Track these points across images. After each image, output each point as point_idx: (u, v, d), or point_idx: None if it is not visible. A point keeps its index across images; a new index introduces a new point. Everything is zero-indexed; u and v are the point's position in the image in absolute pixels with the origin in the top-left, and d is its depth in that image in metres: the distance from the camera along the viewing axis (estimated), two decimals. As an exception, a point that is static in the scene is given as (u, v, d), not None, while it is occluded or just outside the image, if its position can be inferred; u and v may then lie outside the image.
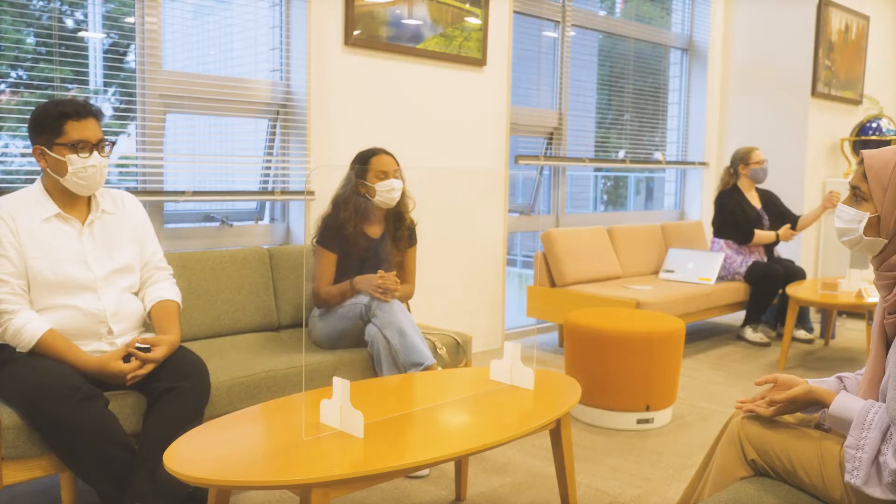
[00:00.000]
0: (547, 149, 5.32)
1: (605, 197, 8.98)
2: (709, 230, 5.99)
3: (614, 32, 5.79)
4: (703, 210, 6.45)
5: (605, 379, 3.36)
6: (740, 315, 5.34)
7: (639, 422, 3.37)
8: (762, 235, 5.15)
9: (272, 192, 3.79)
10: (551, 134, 5.30)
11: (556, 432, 2.35)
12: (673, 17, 6.34)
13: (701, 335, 5.34)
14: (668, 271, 5.24)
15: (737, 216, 5.15)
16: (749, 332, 5.12)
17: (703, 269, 5.08)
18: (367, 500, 2.60)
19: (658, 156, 6.31)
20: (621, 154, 6.11)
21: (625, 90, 5.95)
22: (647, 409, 3.36)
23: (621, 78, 5.91)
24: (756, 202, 5.29)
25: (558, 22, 5.22)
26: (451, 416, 2.24)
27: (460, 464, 2.64)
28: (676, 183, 6.62)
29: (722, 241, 5.27)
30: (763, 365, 4.56)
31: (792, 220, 5.30)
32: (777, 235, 5.16)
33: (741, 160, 5.26)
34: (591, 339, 3.40)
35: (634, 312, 3.83)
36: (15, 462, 2.17)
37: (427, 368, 2.83)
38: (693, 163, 6.39)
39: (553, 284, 4.84)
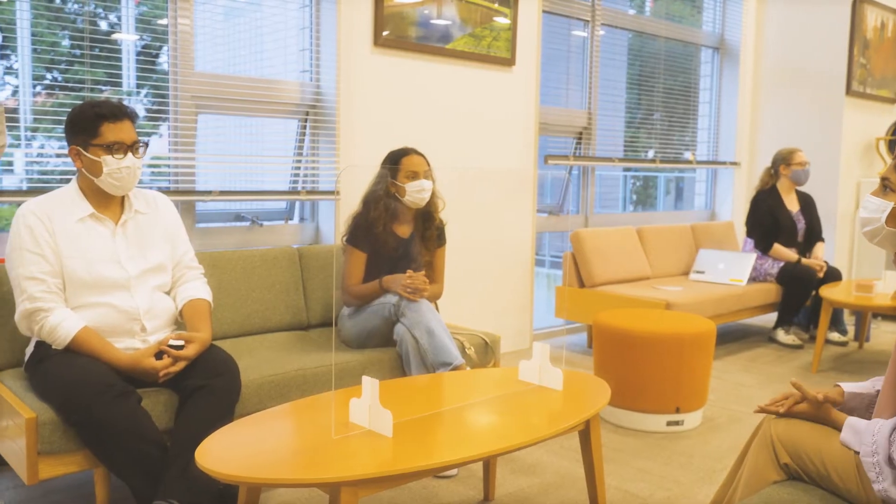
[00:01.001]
0: (576, 149, 5.30)
1: (635, 197, 8.91)
2: (740, 231, 5.92)
3: (644, 31, 5.74)
4: (734, 210, 6.38)
5: (635, 380, 3.34)
6: (772, 317, 5.27)
7: (668, 424, 3.34)
8: (781, 252, 5.05)
9: (301, 192, 3.82)
10: (580, 134, 5.27)
11: (585, 433, 2.33)
12: (704, 15, 6.27)
13: (732, 337, 5.28)
14: (698, 272, 5.19)
15: (764, 222, 5.08)
16: (781, 335, 5.05)
17: (735, 269, 5.02)
18: (395, 499, 2.60)
19: (688, 155, 6.25)
20: (651, 154, 6.06)
21: (655, 89, 5.90)
22: (677, 411, 3.33)
23: (651, 77, 5.86)
24: (794, 205, 5.20)
25: (588, 21, 5.19)
26: (480, 416, 2.23)
27: (489, 464, 2.64)
28: (707, 183, 6.55)
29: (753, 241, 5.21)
30: (795, 367, 4.50)
31: (816, 235, 5.21)
32: (799, 259, 5.04)
33: (783, 161, 5.17)
34: (620, 339, 3.37)
35: (664, 313, 3.80)
36: (50, 457, 2.21)
37: (455, 368, 2.83)
38: (724, 162, 6.33)
39: (582, 285, 4.82)
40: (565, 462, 2.96)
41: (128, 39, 3.37)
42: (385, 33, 3.87)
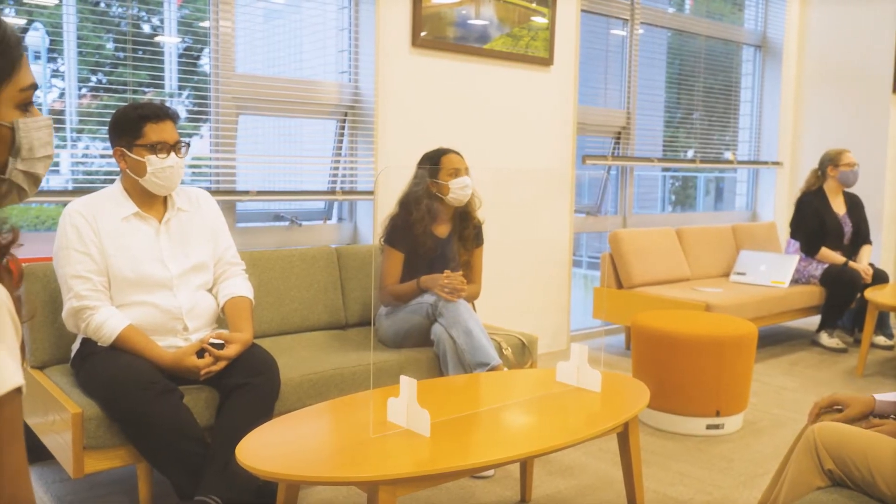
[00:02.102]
0: (614, 148, 5.25)
1: (673, 197, 8.82)
2: (782, 232, 5.83)
3: (684, 30, 5.68)
4: (776, 211, 6.27)
5: (674, 383, 3.30)
6: (815, 319, 5.17)
7: (708, 427, 3.29)
8: (828, 255, 4.95)
9: (340, 193, 3.85)
10: (619, 133, 5.23)
11: (624, 436, 2.31)
12: (746, 13, 6.18)
13: (773, 340, 5.19)
14: (739, 273, 5.11)
15: (810, 224, 4.98)
16: (825, 338, 4.95)
17: (777, 271, 4.93)
18: (432, 498, 2.61)
19: (728, 155, 6.16)
20: (690, 154, 5.98)
21: (694, 88, 5.83)
22: (718, 414, 3.28)
23: (691, 76, 5.79)
24: (841, 207, 5.09)
25: (627, 20, 5.15)
26: (517, 417, 2.23)
27: (526, 465, 2.63)
28: (748, 183, 6.45)
29: (798, 243, 5.11)
30: (839, 372, 4.41)
31: (863, 237, 5.09)
32: (846, 263, 4.93)
33: (830, 161, 5.06)
34: (659, 341, 3.34)
35: (704, 315, 3.75)
36: (95, 452, 2.26)
37: (493, 369, 2.83)
38: (766, 162, 6.22)
39: (620, 286, 4.78)
40: (603, 464, 2.94)
41: (170, 42, 3.43)
42: (423, 34, 3.88)
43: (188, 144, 2.54)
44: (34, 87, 0.93)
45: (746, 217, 6.36)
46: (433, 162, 3.18)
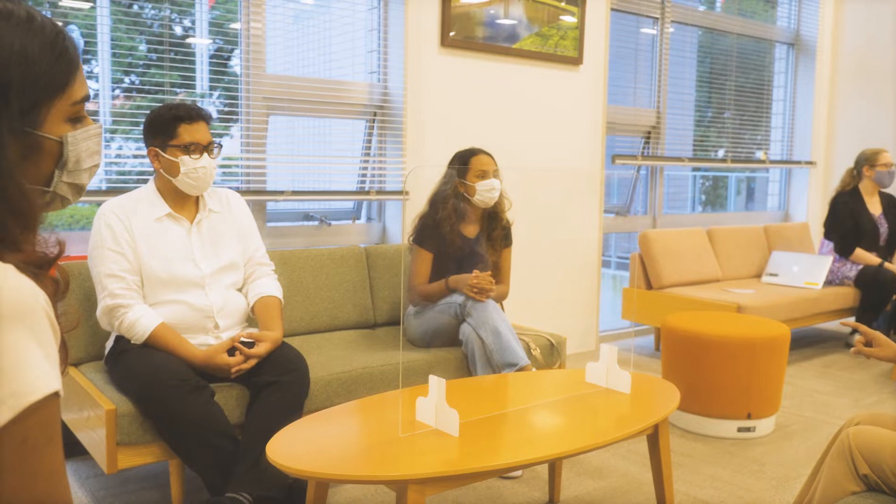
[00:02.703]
0: (644, 148, 5.21)
1: (704, 197, 8.74)
2: (815, 232, 5.74)
3: (715, 28, 5.62)
4: (809, 211, 6.18)
5: (705, 385, 3.27)
6: (849, 322, 5.08)
7: (739, 430, 3.25)
8: (863, 256, 4.87)
9: (369, 192, 3.86)
10: (649, 133, 5.19)
11: (654, 438, 2.30)
12: (778, 10, 6.10)
13: (806, 342, 5.12)
14: (771, 275, 5.05)
15: (844, 225, 4.90)
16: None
17: (810, 272, 4.86)
18: (460, 498, 2.61)
19: (760, 155, 6.09)
20: (721, 153, 5.92)
21: (725, 87, 5.76)
22: (749, 417, 3.25)
23: (722, 74, 5.73)
24: (876, 208, 5.01)
25: (657, 18, 5.11)
26: (546, 417, 2.22)
27: (554, 466, 2.62)
28: (781, 183, 6.37)
29: (832, 244, 5.04)
30: (874, 375, 4.33)
31: None
32: (881, 264, 4.84)
33: (866, 161, 4.98)
34: (690, 343, 3.31)
35: (736, 317, 3.71)
36: (128, 448, 2.29)
37: (521, 369, 2.82)
38: (799, 162, 6.14)
39: (649, 286, 4.74)
40: (632, 466, 2.92)
41: (201, 43, 3.46)
42: (452, 34, 3.89)
43: (220, 146, 2.57)
44: (87, 98, 0.92)
45: (779, 217, 6.28)
46: (463, 162, 3.18)
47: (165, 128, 2.48)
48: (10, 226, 0.84)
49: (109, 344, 2.53)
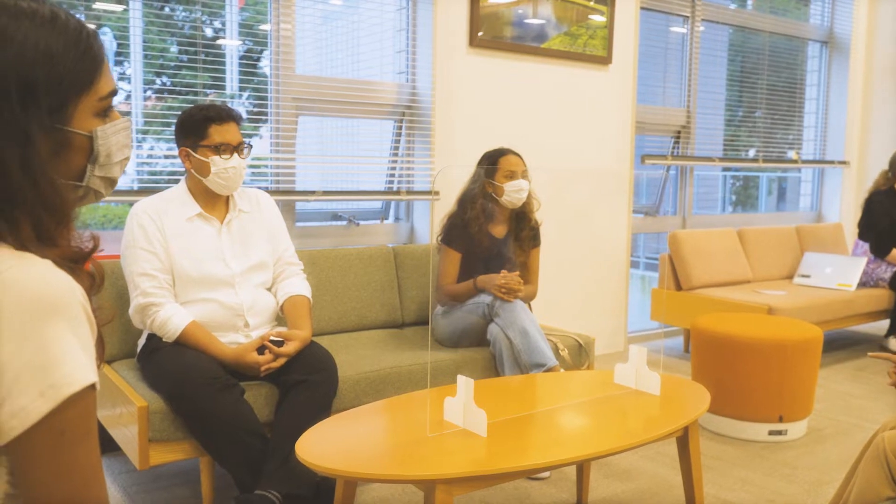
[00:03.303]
0: (674, 148, 5.17)
1: (734, 197, 8.64)
2: (849, 233, 5.65)
3: (746, 26, 5.55)
4: (842, 212, 6.09)
5: (735, 387, 3.23)
6: (884, 324, 5.00)
7: (771, 433, 3.21)
8: None
9: (398, 192, 3.87)
10: (678, 133, 5.14)
11: (684, 440, 2.28)
12: (811, 8, 6.01)
13: (839, 344, 5.04)
14: (803, 276, 4.98)
15: (880, 224, 4.82)
16: (894, 343, 4.78)
17: (843, 274, 4.79)
18: (487, 498, 2.61)
19: (792, 154, 6.00)
20: (752, 153, 5.85)
21: (757, 86, 5.70)
22: (780, 420, 3.20)
23: (753, 73, 5.66)
24: None
25: (687, 17, 5.06)
26: (575, 418, 2.21)
27: (582, 467, 2.60)
28: (813, 183, 6.28)
29: (866, 245, 4.95)
30: (909, 378, 4.25)
31: None
32: None
33: None
34: (720, 345, 3.27)
35: (767, 318, 3.66)
36: (160, 444, 2.32)
37: (549, 370, 2.81)
38: (832, 162, 6.04)
39: (679, 287, 4.70)
40: (661, 468, 2.90)
41: (231, 45, 3.49)
42: (480, 34, 3.88)
43: (250, 146, 2.59)
44: (114, 93, 0.94)
45: (811, 218, 6.19)
46: (491, 162, 3.18)
47: (196, 128, 2.51)
48: (45, 221, 0.85)
49: (141, 342, 2.57)
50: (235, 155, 2.52)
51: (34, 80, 0.84)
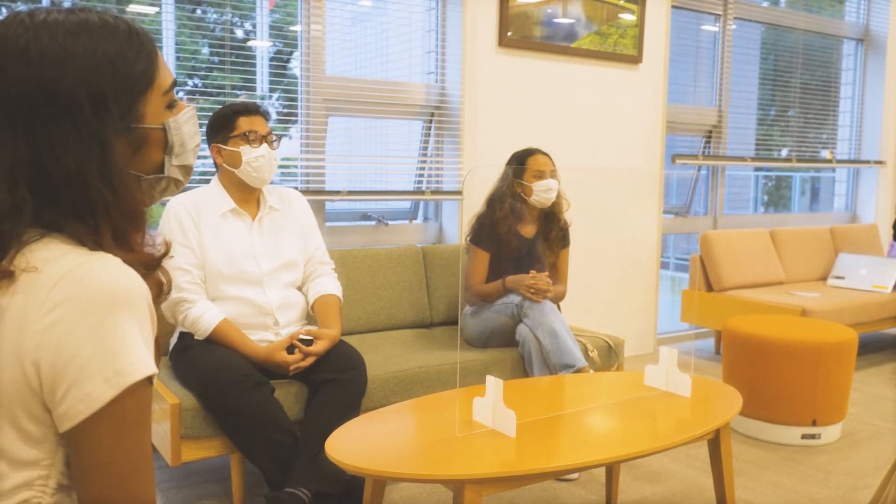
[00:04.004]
0: (705, 147, 5.12)
1: (766, 198, 8.53)
2: (885, 234, 5.55)
3: (780, 24, 5.48)
4: (878, 212, 5.98)
5: (768, 390, 3.19)
6: (920, 327, 4.91)
7: (804, 437, 3.17)
8: None
9: (427, 192, 3.88)
10: (710, 132, 5.09)
11: (715, 443, 2.25)
12: (847, 5, 5.91)
13: (875, 347, 4.95)
14: (837, 277, 4.90)
15: None
16: (931, 346, 4.69)
17: (878, 275, 4.70)
18: (516, 499, 2.60)
19: (826, 154, 5.91)
20: (784, 153, 5.77)
21: (790, 85, 5.61)
22: (814, 423, 3.16)
23: (786, 72, 5.58)
24: None
25: (719, 15, 5.00)
26: (604, 420, 2.20)
27: (612, 469, 2.59)
28: (848, 183, 6.17)
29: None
30: (947, 382, 4.17)
31: None
32: None
33: None
34: (752, 347, 3.23)
35: (800, 320, 3.61)
36: (192, 441, 2.34)
37: (578, 371, 2.80)
38: (867, 161, 5.94)
39: (710, 288, 4.65)
40: (691, 471, 2.87)
41: (262, 46, 3.52)
42: (509, 34, 3.87)
43: (280, 137, 2.62)
44: (175, 84, 0.97)
45: (846, 219, 6.09)
46: (520, 162, 3.17)
47: (225, 122, 2.56)
48: (123, 227, 0.89)
49: (173, 340, 2.60)
50: (265, 144, 2.55)
51: (101, 88, 0.87)
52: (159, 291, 0.92)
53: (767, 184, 8.38)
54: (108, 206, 0.87)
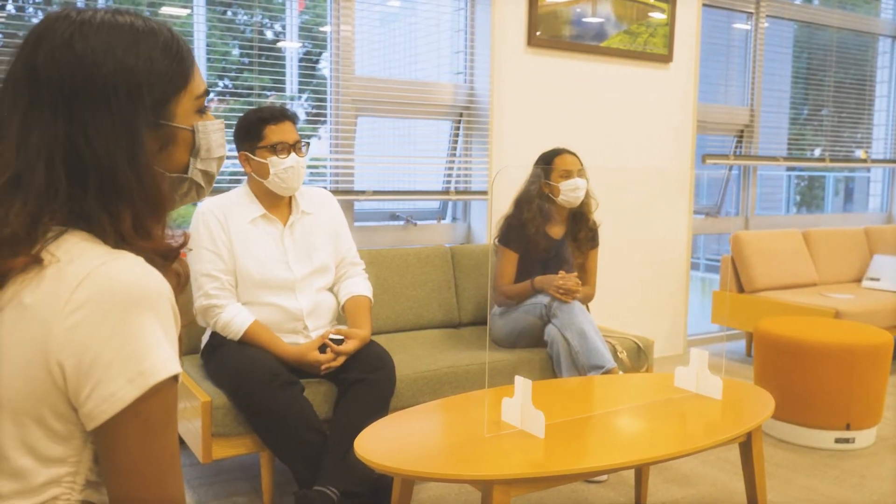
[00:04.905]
0: (737, 147, 5.06)
1: (798, 198, 8.42)
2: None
3: (813, 21, 5.40)
4: (914, 213, 5.87)
5: (801, 393, 3.15)
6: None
7: (837, 441, 3.12)
8: None
9: (454, 193, 3.88)
10: (741, 132, 5.03)
11: (747, 446, 2.22)
12: (882, 1, 5.81)
13: (910, 350, 4.86)
14: (872, 279, 4.81)
15: None
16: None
17: (915, 277, 4.62)
18: (544, 500, 2.59)
19: (860, 154, 5.81)
20: (818, 152, 5.68)
21: (824, 83, 5.53)
22: (848, 427, 3.11)
23: (820, 70, 5.50)
24: None
25: (751, 13, 4.94)
26: (634, 421, 2.18)
27: (641, 471, 2.57)
28: (884, 183, 6.07)
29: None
30: None
31: None
32: None
33: None
34: (785, 349, 3.19)
35: (834, 322, 3.56)
36: (223, 439, 2.37)
37: (607, 372, 2.78)
38: (903, 161, 5.83)
39: (741, 290, 4.60)
40: (722, 474, 2.84)
41: (291, 47, 3.55)
42: (538, 33, 3.86)
43: (308, 143, 2.62)
44: (207, 92, 1.01)
45: (881, 219, 5.99)
46: (547, 162, 3.16)
47: (252, 131, 2.54)
48: (144, 214, 0.91)
49: (205, 338, 2.62)
50: (293, 154, 2.55)
51: (137, 80, 0.91)
52: (177, 282, 0.93)
53: (800, 184, 8.26)
54: (132, 193, 0.90)
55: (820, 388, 3.11)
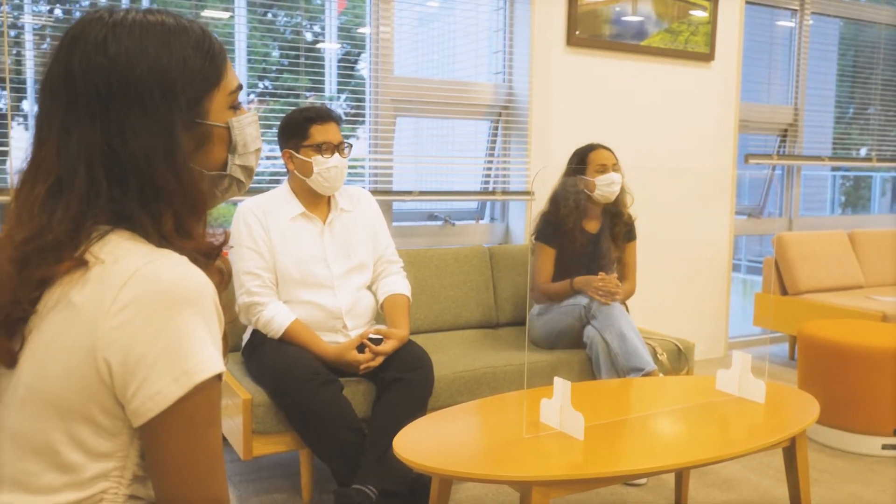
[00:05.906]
0: (780, 147, 4.97)
1: (844, 198, 8.24)
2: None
3: (860, 18, 5.28)
4: (965, 214, 5.71)
5: (846, 398, 3.08)
6: None
7: (884, 447, 3.05)
8: None
9: (495, 193, 3.87)
10: (785, 131, 4.94)
11: (791, 451, 2.18)
12: (932, -3, 5.66)
13: (960, 355, 4.73)
14: (920, 282, 4.69)
15: None
16: None
17: (966, 280, 4.49)
18: (583, 502, 2.57)
19: (909, 153, 5.67)
20: (864, 152, 5.56)
21: (870, 81, 5.41)
22: (895, 433, 3.03)
23: (866, 68, 5.38)
24: None
25: (795, 10, 4.86)
26: (674, 424, 2.16)
27: (681, 475, 2.54)
28: (932, 183, 5.91)
29: None
30: None
31: None
32: None
33: None
34: (830, 352, 3.12)
35: (881, 326, 3.48)
36: (263, 436, 2.39)
37: (648, 374, 2.75)
38: (954, 161, 5.68)
39: (784, 292, 4.52)
40: (764, 479, 2.79)
41: (330, 48, 3.57)
42: (577, 32, 3.84)
43: (351, 145, 2.64)
44: (240, 87, 1.01)
45: (930, 220, 5.84)
46: (582, 158, 3.16)
47: (298, 129, 2.57)
48: (184, 214, 0.92)
49: (246, 336, 2.65)
50: (336, 154, 2.57)
51: (171, 80, 0.91)
52: (220, 280, 0.94)
53: (845, 184, 8.09)
54: (171, 193, 0.90)
55: (866, 392, 3.04)
